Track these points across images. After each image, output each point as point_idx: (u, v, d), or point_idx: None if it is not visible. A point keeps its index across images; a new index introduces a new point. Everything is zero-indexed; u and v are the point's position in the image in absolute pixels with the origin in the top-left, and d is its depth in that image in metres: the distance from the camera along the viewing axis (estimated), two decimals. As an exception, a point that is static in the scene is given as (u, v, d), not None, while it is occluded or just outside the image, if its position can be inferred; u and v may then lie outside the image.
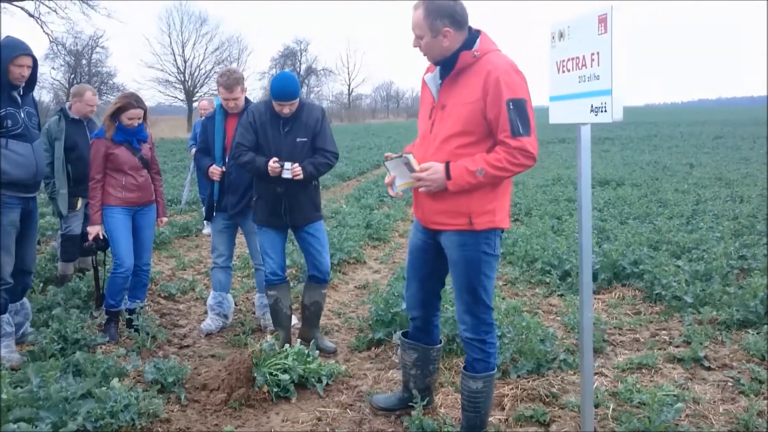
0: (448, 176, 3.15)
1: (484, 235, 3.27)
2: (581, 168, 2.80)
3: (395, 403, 3.98)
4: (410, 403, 3.83)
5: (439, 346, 3.91)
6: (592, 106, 2.60)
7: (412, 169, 3.26)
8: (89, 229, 5.36)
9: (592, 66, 2.58)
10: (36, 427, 3.09)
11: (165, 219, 5.76)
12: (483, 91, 3.11)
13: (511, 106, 3.03)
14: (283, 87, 4.71)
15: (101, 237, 5.37)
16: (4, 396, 3.42)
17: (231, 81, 5.21)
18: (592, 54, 2.58)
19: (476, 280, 3.31)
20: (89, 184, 5.30)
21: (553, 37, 2.92)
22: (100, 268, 5.71)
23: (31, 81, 4.89)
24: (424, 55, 3.32)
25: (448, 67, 3.26)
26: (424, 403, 3.79)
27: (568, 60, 2.78)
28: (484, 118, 3.13)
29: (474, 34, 3.25)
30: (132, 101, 5.26)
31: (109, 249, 5.50)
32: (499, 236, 3.38)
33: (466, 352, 3.49)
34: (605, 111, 2.51)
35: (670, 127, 45.99)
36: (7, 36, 4.79)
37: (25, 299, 5.21)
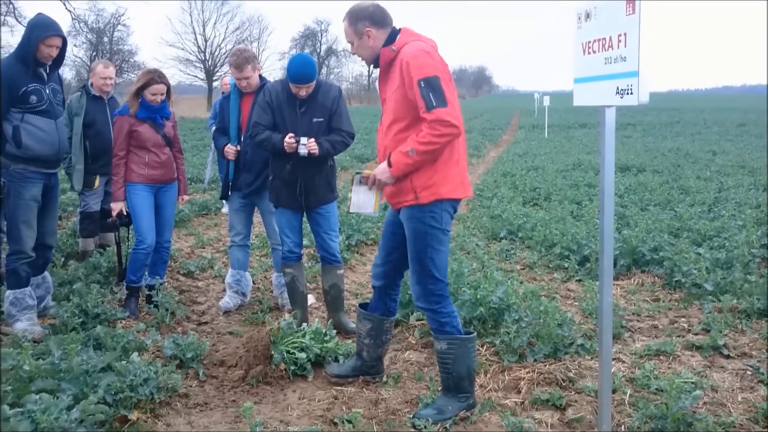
0: (389, 165, 3.49)
1: (429, 208, 3.52)
2: (604, 152, 2.76)
3: (348, 371, 4.16)
4: (362, 371, 4.12)
5: (392, 318, 4.11)
6: (617, 88, 2.56)
7: (365, 180, 3.67)
8: (112, 205, 5.40)
9: (618, 47, 2.54)
10: (58, 398, 3.13)
11: (186, 197, 5.78)
12: (401, 79, 3.44)
13: (423, 85, 3.33)
14: (300, 69, 4.70)
15: (124, 213, 5.40)
16: (26, 367, 3.47)
17: (240, 60, 5.18)
18: (619, 35, 2.53)
19: (423, 252, 3.55)
20: (113, 161, 5.34)
21: (579, 18, 2.87)
22: (122, 244, 5.76)
23: (59, 59, 4.92)
24: (361, 59, 3.76)
25: (378, 65, 3.65)
26: (373, 371, 4.12)
27: (594, 41, 2.74)
28: (410, 102, 3.43)
29: (395, 31, 3.62)
30: (155, 77, 5.27)
31: (131, 226, 5.55)
32: (448, 209, 3.58)
33: (426, 318, 3.81)
34: (631, 93, 2.47)
35: (693, 114, 45.41)
36: (39, 14, 4.82)
37: (46, 273, 5.29)
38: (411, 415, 3.64)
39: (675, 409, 3.35)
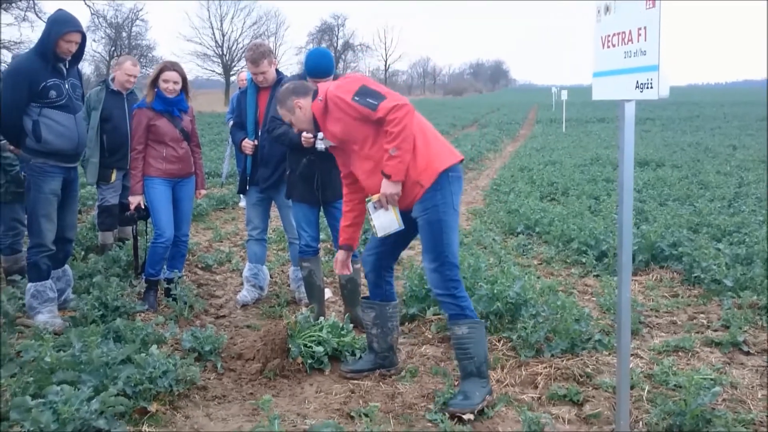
0: (387, 177, 3.65)
1: (436, 186, 3.66)
2: (623, 146, 2.74)
3: (363, 366, 4.22)
4: (377, 363, 4.19)
5: (394, 302, 4.19)
6: (637, 82, 2.53)
7: (379, 204, 3.80)
8: (130, 198, 5.44)
9: (638, 41, 2.52)
10: (78, 389, 3.17)
11: (203, 191, 5.81)
12: (341, 112, 3.72)
13: (357, 98, 3.63)
14: (318, 64, 4.71)
15: (142, 207, 5.44)
16: (47, 359, 3.52)
17: (256, 55, 5.19)
18: (639, 29, 2.51)
19: (439, 238, 3.66)
20: (131, 155, 5.38)
21: (599, 11, 2.85)
22: (140, 237, 5.80)
23: (78, 54, 4.96)
24: (302, 131, 4.24)
25: (317, 125, 3.93)
26: (387, 363, 4.19)
27: (614, 35, 2.72)
28: (361, 121, 3.68)
29: (315, 91, 3.90)
30: (167, 64, 5.36)
31: (149, 219, 5.59)
32: (453, 177, 3.73)
33: (442, 308, 3.84)
34: (651, 87, 2.45)
35: (713, 108, 44.89)
36: (59, 10, 4.87)
37: (66, 266, 5.35)
38: (442, 404, 3.66)
39: (694, 405, 3.33)
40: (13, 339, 4.46)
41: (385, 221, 3.82)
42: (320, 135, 4.70)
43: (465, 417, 3.50)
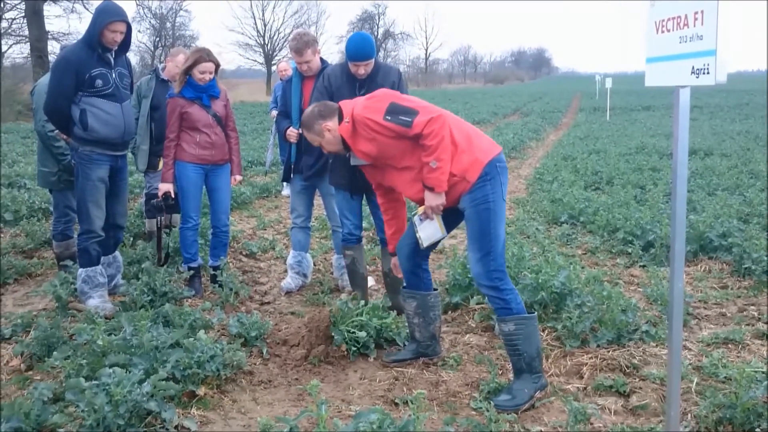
0: (431, 189, 3.67)
1: (483, 178, 3.65)
2: (678, 133, 2.68)
3: (406, 355, 4.23)
4: (419, 352, 4.20)
5: (435, 292, 4.18)
6: (693, 67, 2.47)
7: (424, 216, 3.83)
8: (160, 186, 5.45)
9: (695, 25, 2.45)
10: (130, 372, 3.24)
11: (239, 177, 5.70)
12: (372, 132, 3.70)
13: (389, 118, 3.62)
14: (359, 47, 4.70)
15: (171, 195, 5.41)
16: (99, 342, 3.62)
17: (300, 44, 5.20)
18: (696, 13, 2.44)
19: (487, 228, 3.64)
20: (164, 143, 5.39)
21: (653, -4, 2.78)
22: (167, 229, 5.83)
23: (125, 44, 5.03)
24: (334, 152, 4.08)
25: (347, 145, 3.88)
26: (430, 351, 4.20)
27: (668, 20, 2.65)
28: (395, 139, 3.68)
29: (339, 110, 3.88)
30: (203, 55, 5.26)
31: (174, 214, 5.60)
32: (498, 168, 3.71)
33: (488, 301, 3.84)
34: (707, 73, 2.38)
35: (763, 95, 43.56)
36: (105, 1, 4.94)
37: (117, 252, 5.47)
38: (487, 393, 3.67)
39: (745, 398, 3.26)
40: (66, 322, 4.59)
41: (430, 231, 3.86)
42: None
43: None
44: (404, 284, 4.23)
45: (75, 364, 3.57)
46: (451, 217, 3.90)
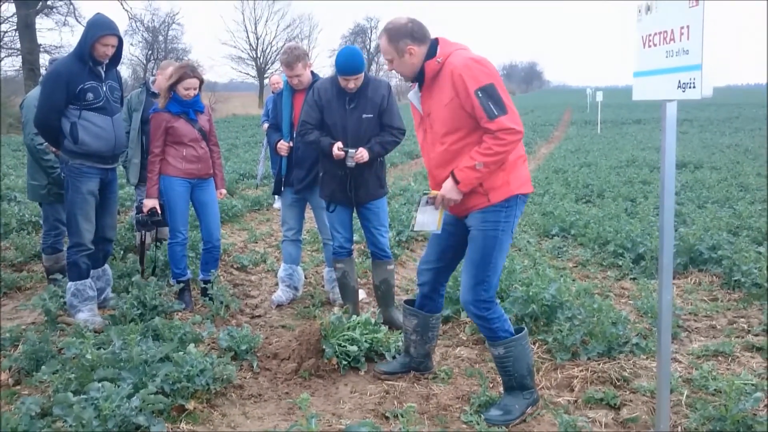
0: (456, 182, 3.43)
1: (503, 205, 3.50)
2: (665, 147, 2.71)
3: (397, 368, 4.18)
4: (411, 367, 4.15)
5: (438, 314, 4.09)
6: (679, 81, 2.50)
7: (431, 200, 3.61)
8: (145, 201, 5.40)
9: (681, 40, 2.48)
10: (118, 386, 3.23)
11: (224, 191, 5.72)
12: (453, 91, 3.40)
13: (480, 95, 3.31)
14: (348, 61, 4.71)
15: (157, 211, 5.38)
16: (88, 356, 3.60)
17: (291, 58, 5.21)
18: (682, 27, 2.47)
19: (488, 256, 3.51)
20: (149, 158, 5.36)
21: (640, 11, 2.81)
22: (157, 243, 5.81)
23: (116, 58, 5.04)
24: (400, 74, 3.69)
25: (421, 79, 3.58)
26: (422, 367, 4.15)
27: (655, 34, 2.68)
28: (466, 111, 3.40)
29: (434, 43, 3.56)
30: (188, 71, 5.26)
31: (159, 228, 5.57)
32: (521, 205, 3.59)
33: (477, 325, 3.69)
34: (693, 87, 2.41)
35: (753, 109, 43.95)
36: (97, 14, 4.96)
37: (106, 266, 5.44)
38: (478, 406, 3.66)
39: (735, 411, 3.27)
40: (54, 336, 4.56)
41: (428, 220, 3.66)
42: (351, 152, 4.72)
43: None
44: (409, 299, 4.16)
45: (63, 379, 3.55)
46: (459, 241, 3.72)
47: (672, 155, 2.71)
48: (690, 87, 2.45)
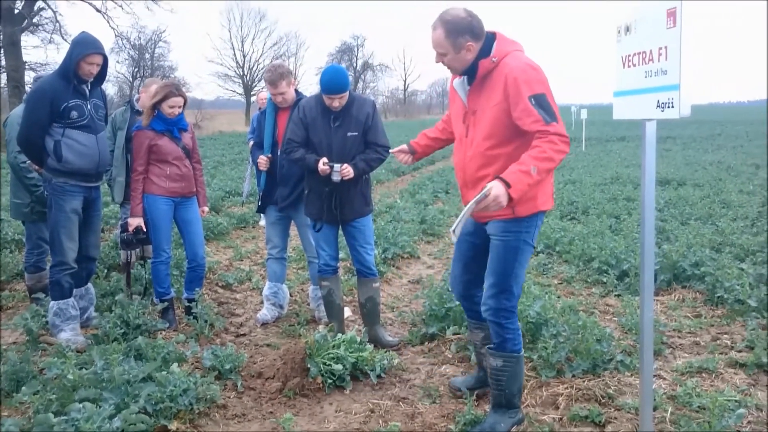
0: (506, 185, 3.09)
1: (526, 221, 3.46)
2: (645, 165, 2.74)
3: (473, 383, 4.13)
4: (486, 382, 3.93)
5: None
6: (658, 101, 2.54)
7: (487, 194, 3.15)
8: (129, 220, 5.38)
9: (659, 60, 2.52)
10: (100, 407, 3.19)
11: (206, 209, 5.72)
12: (504, 93, 3.30)
13: (533, 102, 3.21)
14: (332, 80, 4.73)
15: (142, 229, 5.36)
16: (70, 376, 3.56)
17: (275, 76, 5.23)
18: (660, 48, 2.51)
19: (510, 267, 3.48)
20: (132, 176, 5.33)
21: (619, 32, 2.86)
22: (142, 261, 5.79)
23: (101, 76, 5.04)
24: (449, 69, 3.53)
25: (471, 74, 3.46)
26: None
27: (634, 54, 2.72)
28: (509, 119, 3.32)
29: (490, 38, 3.42)
30: (173, 89, 5.26)
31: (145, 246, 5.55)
32: (541, 221, 3.57)
33: (490, 330, 3.66)
34: (672, 107, 2.45)
35: (735, 126, 44.52)
36: (82, 32, 4.96)
37: (89, 284, 5.40)
38: (463, 425, 3.63)
39: (718, 427, 3.29)
40: (36, 356, 4.51)
41: (461, 221, 3.27)
42: (336, 167, 4.72)
43: None
44: (469, 315, 4.05)
45: (44, 400, 3.50)
46: (481, 251, 3.67)
47: (652, 173, 2.74)
48: (669, 106, 2.48)
